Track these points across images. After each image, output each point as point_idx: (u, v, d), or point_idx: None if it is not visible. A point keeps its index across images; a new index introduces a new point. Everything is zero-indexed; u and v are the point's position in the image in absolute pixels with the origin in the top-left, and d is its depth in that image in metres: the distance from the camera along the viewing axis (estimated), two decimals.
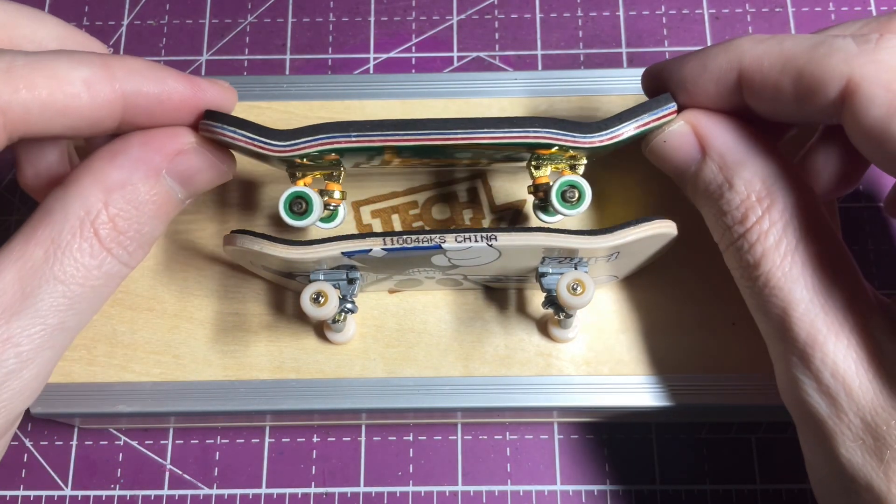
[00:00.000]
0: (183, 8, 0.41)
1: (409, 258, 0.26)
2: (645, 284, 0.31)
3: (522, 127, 0.25)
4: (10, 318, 0.22)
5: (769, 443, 0.33)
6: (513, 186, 0.32)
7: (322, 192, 0.27)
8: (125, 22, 0.41)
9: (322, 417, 0.33)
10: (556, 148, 0.26)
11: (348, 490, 0.33)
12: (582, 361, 0.30)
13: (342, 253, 0.26)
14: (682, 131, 0.26)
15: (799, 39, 0.23)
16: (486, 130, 0.25)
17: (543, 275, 0.27)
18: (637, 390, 0.29)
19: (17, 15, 0.25)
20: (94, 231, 0.23)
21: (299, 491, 0.33)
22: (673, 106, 0.26)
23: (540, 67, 0.39)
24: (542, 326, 0.30)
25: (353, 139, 0.25)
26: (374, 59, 0.40)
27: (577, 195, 0.26)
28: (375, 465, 0.34)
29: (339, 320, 0.28)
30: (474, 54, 0.40)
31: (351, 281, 0.27)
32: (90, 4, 0.41)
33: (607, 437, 0.34)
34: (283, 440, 0.34)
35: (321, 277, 0.27)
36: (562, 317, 0.28)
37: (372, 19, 0.41)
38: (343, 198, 0.28)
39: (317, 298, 0.26)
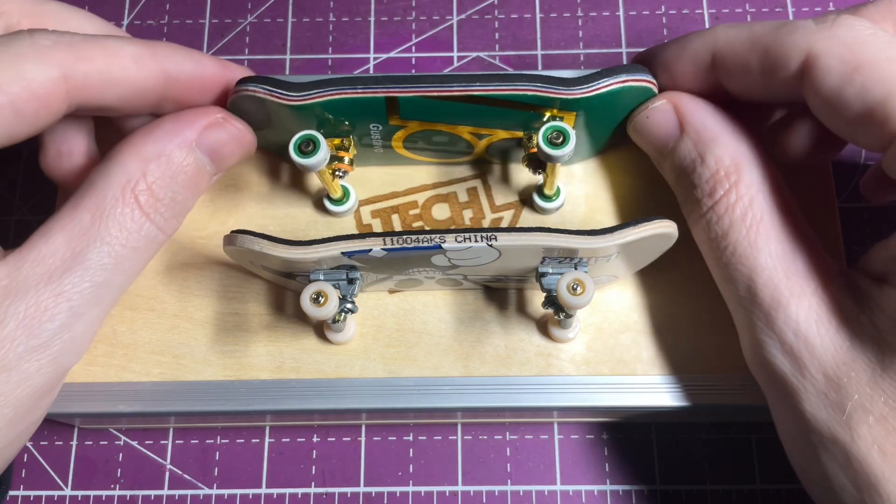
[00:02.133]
0: (183, 8, 0.41)
1: (409, 258, 0.27)
2: (645, 285, 0.31)
3: (512, 81, 0.27)
4: (62, 274, 0.24)
5: (769, 443, 0.33)
6: (512, 187, 0.32)
7: (333, 158, 0.29)
8: (125, 22, 0.41)
9: (322, 417, 0.33)
10: (545, 108, 0.28)
11: (348, 490, 0.33)
12: (582, 361, 0.30)
13: (342, 253, 0.26)
14: (664, 108, 0.28)
15: (767, 23, 0.26)
16: (479, 84, 0.27)
17: (543, 275, 0.27)
18: (637, 390, 0.29)
19: (67, 10, 0.29)
20: (135, 197, 0.25)
21: (299, 491, 0.33)
22: (649, 75, 0.28)
23: (540, 67, 0.39)
24: (542, 326, 0.30)
25: (360, 90, 0.27)
26: (374, 59, 0.40)
27: (561, 138, 0.27)
28: (375, 465, 0.34)
29: (339, 320, 0.28)
30: (474, 54, 0.40)
31: (351, 281, 0.27)
32: (90, 4, 0.41)
33: (607, 437, 0.34)
34: (283, 440, 0.34)
35: (321, 277, 0.27)
36: (562, 317, 0.28)
37: (372, 19, 0.41)
38: (351, 166, 0.30)
39: (317, 298, 0.26)
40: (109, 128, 0.30)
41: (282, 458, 0.34)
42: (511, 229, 0.26)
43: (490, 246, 0.26)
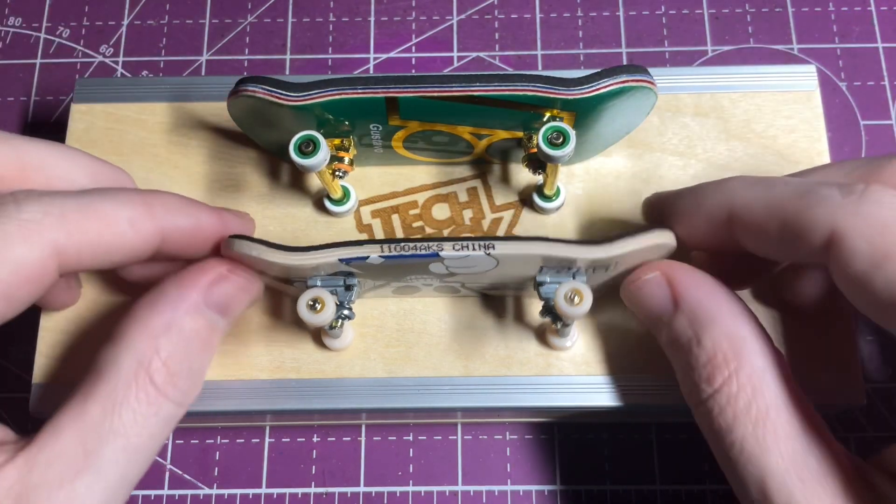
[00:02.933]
0: (183, 8, 0.41)
1: (406, 265, 0.27)
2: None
3: (512, 81, 0.27)
4: (74, 478, 0.23)
5: None
6: (512, 187, 0.32)
7: (333, 159, 0.29)
8: (125, 22, 0.41)
9: (322, 417, 0.33)
10: (545, 108, 0.28)
11: (348, 490, 0.33)
12: (582, 361, 0.30)
13: (339, 260, 0.26)
14: (657, 281, 0.27)
15: (787, 186, 0.24)
16: (479, 84, 0.27)
17: (541, 283, 0.27)
18: (637, 390, 0.29)
19: (50, 155, 0.27)
20: (150, 378, 0.24)
21: (299, 491, 0.33)
22: (649, 75, 0.27)
23: (540, 67, 0.39)
24: (541, 335, 0.30)
25: (360, 90, 0.27)
26: (374, 59, 0.40)
27: (561, 138, 0.27)
28: (375, 465, 0.34)
29: (335, 327, 0.28)
30: (474, 54, 0.40)
31: (348, 287, 0.27)
32: (90, 4, 0.41)
33: (607, 437, 0.34)
34: (283, 440, 0.34)
35: (318, 283, 0.27)
36: (559, 326, 0.28)
37: (372, 19, 0.41)
38: (351, 166, 0.29)
39: (313, 305, 0.26)
40: None
41: (282, 458, 0.34)
42: (509, 238, 0.26)
43: (488, 254, 0.26)
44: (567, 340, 0.29)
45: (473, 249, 0.25)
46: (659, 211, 0.28)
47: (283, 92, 0.27)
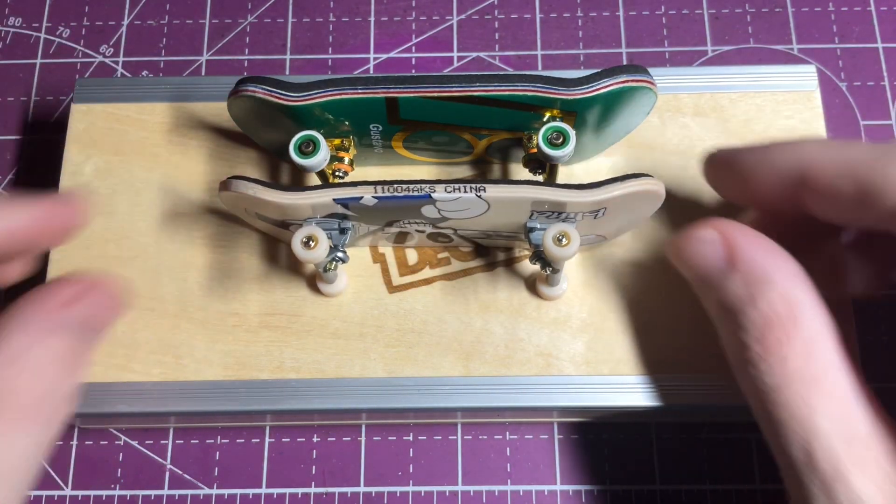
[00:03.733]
0: (183, 8, 0.41)
1: (399, 207, 0.27)
2: (646, 285, 0.31)
3: (512, 81, 0.27)
4: None
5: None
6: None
7: (333, 159, 0.29)
8: (125, 22, 0.41)
9: (322, 417, 0.33)
10: (545, 109, 0.28)
11: (348, 490, 0.33)
12: (582, 361, 0.30)
13: (334, 200, 0.26)
14: (713, 239, 0.26)
15: (864, 147, 0.24)
16: (479, 84, 0.27)
17: (532, 230, 0.27)
18: (637, 390, 0.29)
19: None
20: None
21: (299, 491, 0.33)
22: (649, 75, 0.27)
23: (540, 67, 0.39)
24: (531, 285, 0.30)
25: (360, 90, 0.27)
26: (374, 59, 0.40)
27: (561, 138, 0.27)
28: (375, 465, 0.34)
29: (330, 269, 0.28)
30: (474, 54, 0.40)
31: (343, 231, 0.28)
32: (90, 4, 0.41)
33: (607, 437, 0.34)
34: (283, 440, 0.34)
35: (313, 225, 0.27)
36: (549, 272, 0.28)
37: (372, 19, 0.41)
38: (351, 167, 0.30)
39: (307, 242, 0.26)
40: None
41: (282, 458, 0.34)
42: (500, 181, 0.26)
43: (479, 197, 0.26)
44: (557, 289, 0.30)
45: (465, 192, 0.26)
46: (725, 165, 0.27)
47: (283, 92, 0.27)
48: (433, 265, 0.31)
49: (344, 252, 0.28)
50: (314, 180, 0.32)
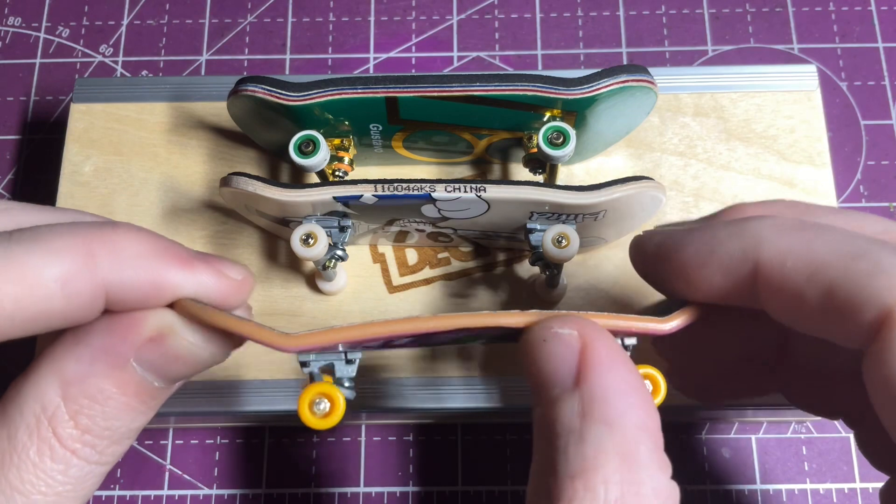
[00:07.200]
0: (183, 8, 0.41)
1: (399, 206, 0.27)
2: (644, 285, 0.31)
3: (512, 81, 0.27)
4: None
5: (769, 443, 0.33)
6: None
7: (333, 158, 0.29)
8: (125, 22, 0.41)
9: None
10: (545, 108, 0.28)
11: (348, 490, 0.33)
12: None
13: (334, 197, 0.26)
14: (568, 342, 0.20)
15: (832, 241, 0.19)
16: (479, 84, 0.27)
17: (531, 231, 0.27)
18: None
19: None
20: (53, 430, 0.20)
21: (299, 491, 0.33)
22: (649, 75, 0.27)
23: (540, 67, 0.39)
24: (531, 287, 0.30)
25: (360, 90, 0.27)
26: (374, 59, 0.40)
27: (561, 138, 0.27)
28: (375, 465, 0.34)
29: (329, 267, 0.28)
30: (474, 54, 0.40)
31: (342, 229, 0.28)
32: (90, 4, 0.41)
33: None
34: (283, 440, 0.34)
35: (313, 222, 0.27)
36: (548, 273, 0.28)
37: (372, 19, 0.41)
38: (351, 167, 0.29)
39: (306, 239, 0.27)
40: None
41: (282, 458, 0.34)
42: (501, 181, 0.26)
43: (479, 197, 0.26)
44: (557, 290, 0.30)
45: (465, 191, 0.26)
46: (656, 256, 0.22)
47: (283, 92, 0.27)
48: (433, 265, 0.31)
49: (343, 250, 0.28)
50: (314, 180, 0.32)
